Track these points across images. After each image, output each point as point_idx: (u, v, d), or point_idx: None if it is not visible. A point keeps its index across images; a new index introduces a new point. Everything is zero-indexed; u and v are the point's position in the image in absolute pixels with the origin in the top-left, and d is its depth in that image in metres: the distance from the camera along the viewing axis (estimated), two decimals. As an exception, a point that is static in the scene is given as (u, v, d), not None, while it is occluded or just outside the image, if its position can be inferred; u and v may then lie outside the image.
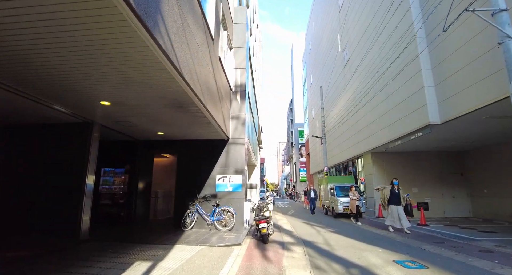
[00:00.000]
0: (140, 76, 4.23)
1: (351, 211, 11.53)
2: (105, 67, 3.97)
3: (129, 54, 3.58)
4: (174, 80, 4.31)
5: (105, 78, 4.35)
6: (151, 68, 3.96)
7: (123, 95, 5.15)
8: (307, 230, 9.28)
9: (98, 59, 3.72)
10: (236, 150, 8.94)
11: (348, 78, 17.26)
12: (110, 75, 4.24)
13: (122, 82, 4.51)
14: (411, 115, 9.93)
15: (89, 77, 4.31)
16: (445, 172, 14.55)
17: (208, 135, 8.56)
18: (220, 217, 8.26)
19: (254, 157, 15.59)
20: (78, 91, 4.97)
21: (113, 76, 4.30)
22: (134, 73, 4.14)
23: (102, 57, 3.66)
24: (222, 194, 8.66)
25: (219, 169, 8.84)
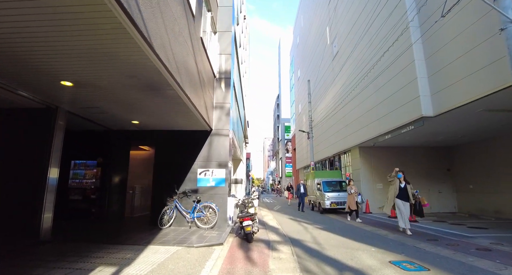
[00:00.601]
0: (101, 46, 3.52)
1: (349, 207, 10.49)
2: (59, 34, 3.24)
3: (86, 17, 2.88)
4: (142, 53, 3.62)
5: (62, 49, 3.61)
6: (113, 35, 3.26)
7: (86, 73, 4.39)
8: (294, 227, 8.80)
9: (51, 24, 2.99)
10: (219, 141, 8.29)
11: (337, 71, 16.86)
12: (67, 45, 3.50)
13: (83, 55, 3.77)
14: (402, 108, 9.57)
15: (44, 48, 3.56)
16: (432, 167, 14.45)
17: (189, 126, 7.86)
18: (201, 213, 7.62)
19: (239, 151, 14.98)
20: (36, 68, 4.18)
21: (70, 47, 3.56)
22: (95, 42, 3.42)
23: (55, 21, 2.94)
24: (204, 189, 8.01)
25: (201, 162, 8.17)
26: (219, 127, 8.38)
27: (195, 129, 8.23)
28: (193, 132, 8.29)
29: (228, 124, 8.40)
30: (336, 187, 14.10)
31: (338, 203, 13.05)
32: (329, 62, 18.77)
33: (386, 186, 13.90)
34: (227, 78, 8.82)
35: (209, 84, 7.98)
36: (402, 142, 12.98)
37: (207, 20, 7.94)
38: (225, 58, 9.00)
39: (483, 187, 12.35)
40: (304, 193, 15.19)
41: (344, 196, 13.19)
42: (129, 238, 6.22)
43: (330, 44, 18.84)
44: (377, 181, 14.11)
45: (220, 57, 9.01)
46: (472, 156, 13.13)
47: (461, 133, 11.15)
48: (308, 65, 26.57)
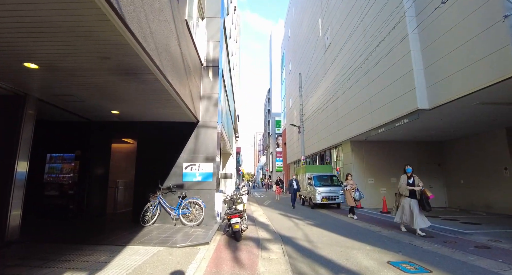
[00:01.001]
0: (63, 19, 2.99)
1: (348, 203, 9.89)
2: (15, 8, 2.71)
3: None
4: (114, 28, 3.11)
5: (19, 24, 3.08)
6: (77, 4, 2.74)
7: (51, 54, 3.84)
8: (284, 223, 8.46)
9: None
10: (207, 134, 7.81)
11: (329, 64, 16.50)
12: (24, 20, 2.98)
13: (44, 31, 3.23)
14: (397, 101, 9.29)
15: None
16: (423, 162, 14.36)
17: (174, 117, 7.35)
18: (186, 210, 7.17)
19: (229, 145, 14.53)
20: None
21: (28, 22, 3.03)
22: (53, 13, 2.90)
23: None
24: (189, 184, 7.55)
25: (187, 155, 7.69)
26: (207, 118, 7.90)
27: (181, 121, 7.72)
28: (178, 124, 7.78)
29: (216, 115, 7.92)
30: (327, 181, 13.86)
31: (329, 198, 12.81)
32: (321, 55, 18.39)
33: (377, 181, 13.79)
34: (215, 66, 8.30)
35: (196, 72, 7.46)
36: (394, 136, 12.79)
37: (193, 4, 7.38)
38: (213, 46, 8.47)
39: (473, 182, 12.31)
40: (296, 189, 14.17)
41: (335, 190, 12.97)
42: (107, 238, 5.73)
43: (322, 36, 18.44)
44: (368, 175, 13.94)
45: (207, 44, 8.48)
46: (462, 151, 13.07)
47: (454, 128, 11.00)
48: (299, 58, 26.15)
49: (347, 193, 9.79)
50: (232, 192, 6.72)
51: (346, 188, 9.81)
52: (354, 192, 9.59)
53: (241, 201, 6.53)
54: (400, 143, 14.20)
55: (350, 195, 9.66)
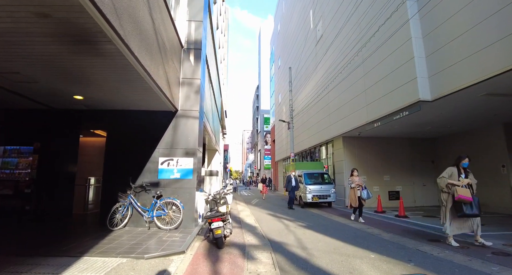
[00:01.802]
0: None
1: (351, 205, 8.40)
2: None
3: None
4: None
5: None
6: None
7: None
8: (274, 225, 7.65)
9: None
10: (187, 125, 6.88)
11: (320, 57, 15.78)
12: None
13: None
14: (396, 92, 8.61)
15: None
16: (417, 159, 13.88)
17: (148, 105, 6.39)
18: (162, 212, 6.23)
19: (215, 140, 13.60)
20: None
21: None
22: None
23: None
24: (166, 182, 6.61)
25: (163, 149, 6.74)
26: (187, 107, 6.96)
27: (157, 110, 6.77)
28: (153, 113, 6.82)
29: (197, 104, 7.00)
30: (318, 179, 13.17)
31: (320, 196, 12.10)
32: (312, 48, 17.66)
33: (370, 179, 13.19)
34: (197, 49, 7.36)
35: (174, 54, 6.50)
36: (388, 133, 12.20)
37: (172, -25, 6.42)
38: (195, 26, 7.52)
39: (469, 179, 11.84)
40: (295, 187, 12.27)
41: (327, 189, 12.29)
42: (63, 246, 4.74)
43: (313, 28, 17.69)
44: (361, 173, 13.20)
45: (189, 24, 7.52)
46: (456, 147, 12.60)
47: (451, 123, 10.46)
48: (289, 52, 25.38)
49: (351, 192, 8.38)
50: (215, 191, 5.83)
51: (350, 186, 8.47)
52: (360, 190, 8.22)
53: (225, 201, 5.67)
54: (393, 139, 13.66)
55: (354, 194, 8.25)
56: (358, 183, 8.33)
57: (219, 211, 4.96)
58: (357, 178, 8.50)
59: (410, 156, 13.81)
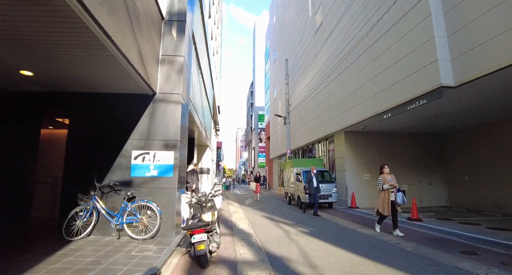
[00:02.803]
0: None
1: (379, 212, 6.28)
2: None
3: None
4: None
5: None
6: None
7: None
8: (271, 231, 6.50)
9: None
10: (166, 111, 5.67)
11: (320, 46, 14.66)
12: None
13: None
14: (412, 78, 7.51)
15: None
16: (422, 156, 12.89)
17: (118, 86, 5.17)
18: (133, 217, 5.03)
19: (205, 134, 12.39)
20: None
21: None
22: None
23: None
24: (140, 180, 5.40)
25: (137, 141, 5.52)
26: (167, 90, 5.75)
27: (129, 93, 5.55)
28: (126, 97, 5.59)
29: (180, 86, 5.79)
30: (318, 177, 12.03)
31: (321, 196, 10.99)
32: (311, 37, 16.51)
33: (374, 176, 12.13)
34: (181, 21, 6.13)
35: (152, 25, 5.27)
36: (394, 127, 11.17)
37: None
38: (178, -6, 6.29)
39: (480, 178, 10.90)
40: (317, 188, 9.78)
41: (328, 188, 11.20)
42: (-12, 267, 3.51)
43: (312, 16, 16.54)
44: (364, 170, 12.27)
45: (171, -8, 6.29)
46: (467, 144, 11.65)
47: (468, 115, 9.43)
48: (285, 44, 24.21)
49: (382, 195, 6.25)
50: (200, 193, 4.64)
51: (381, 187, 6.27)
52: (394, 192, 6.17)
53: (212, 205, 4.50)
54: (398, 134, 12.64)
55: (387, 199, 6.11)
56: (392, 184, 6.25)
57: (203, 219, 3.78)
58: (389, 176, 6.41)
59: (415, 153, 12.81)
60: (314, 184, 9.64)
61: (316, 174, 9.89)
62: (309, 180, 9.79)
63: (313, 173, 9.94)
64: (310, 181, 9.72)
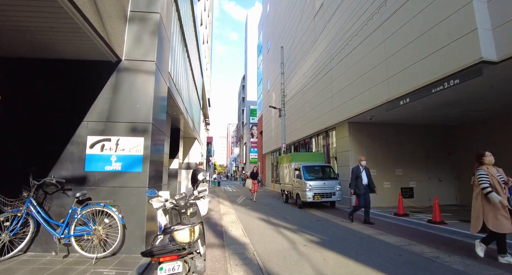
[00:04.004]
0: None
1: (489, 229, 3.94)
2: None
3: None
4: None
5: None
6: None
7: None
8: (272, 241, 5.18)
9: None
10: (135, 84, 4.24)
11: (320, 29, 13.33)
12: None
13: None
14: (441, 54, 6.23)
15: None
16: (431, 150, 11.79)
17: (66, 47, 3.73)
18: (85, 228, 3.62)
19: (192, 124, 10.95)
20: None
21: None
22: None
23: None
24: (98, 176, 3.98)
25: (94, 123, 4.09)
26: (137, 56, 4.32)
27: (84, 59, 4.10)
28: (79, 64, 4.15)
29: (154, 51, 4.37)
30: (318, 173, 10.83)
31: (323, 194, 9.77)
32: (310, 21, 15.17)
33: (380, 173, 11.02)
34: (156, -33, 4.68)
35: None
36: (404, 117, 10.00)
37: None
38: None
39: (498, 174, 9.84)
40: (369, 187, 7.37)
41: (331, 185, 9.97)
42: None
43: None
44: (370, 166, 10.84)
45: None
46: (479, 137, 10.59)
47: (488, 104, 8.30)
48: (281, 31, 22.80)
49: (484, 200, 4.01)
50: (179, 194, 3.24)
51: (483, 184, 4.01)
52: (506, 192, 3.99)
53: (194, 211, 3.18)
54: (406, 126, 11.50)
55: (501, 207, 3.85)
56: (504, 180, 4.08)
57: (177, 240, 2.38)
58: (495, 169, 4.22)
59: (424, 147, 11.70)
60: (363, 181, 7.33)
61: (366, 167, 7.56)
62: (356, 175, 7.41)
63: (361, 166, 7.50)
64: (358, 177, 7.37)
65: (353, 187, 7.42)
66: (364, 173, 7.45)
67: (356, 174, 7.43)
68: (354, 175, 7.47)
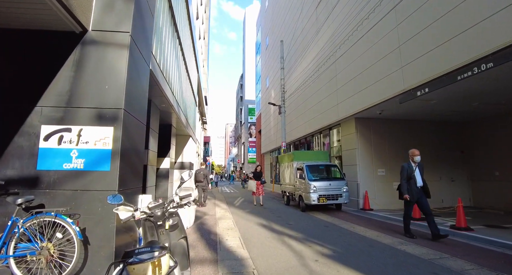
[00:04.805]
0: None
1: None
2: None
3: None
4: None
5: None
6: None
7: None
8: (276, 254, 4.32)
9: None
10: (104, 60, 3.36)
11: (323, 20, 12.50)
12: None
13: None
14: (472, 33, 5.37)
15: None
16: (442, 148, 10.98)
17: (17, 14, 2.85)
18: (30, 245, 2.74)
19: (186, 120, 10.06)
20: None
21: None
22: None
23: None
24: (55, 176, 3.09)
25: (51, 108, 3.21)
26: (107, 26, 3.44)
27: (39, 28, 3.23)
28: (33, 35, 3.28)
29: (130, 20, 3.49)
30: (323, 173, 9.99)
31: (329, 196, 8.92)
32: (311, 12, 14.34)
33: (389, 172, 10.23)
34: None
35: None
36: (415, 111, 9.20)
37: None
38: None
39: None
40: (424, 190, 5.66)
41: (337, 186, 9.13)
42: None
43: (313, -12, 14.35)
44: (378, 165, 10.24)
45: None
46: (497, 133, 9.79)
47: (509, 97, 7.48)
48: (280, 26, 21.97)
49: None
50: (153, 201, 2.37)
51: None
52: None
53: (174, 224, 2.37)
54: (416, 122, 10.69)
55: None
56: None
57: None
58: None
59: (435, 144, 10.88)
60: (417, 182, 5.55)
61: (419, 164, 5.77)
62: (408, 175, 5.61)
63: (414, 162, 5.71)
64: (411, 178, 5.60)
65: (405, 190, 5.54)
66: (418, 172, 5.66)
67: (408, 174, 5.61)
68: (405, 174, 5.65)
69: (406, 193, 5.51)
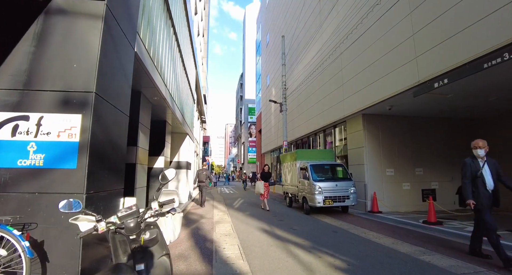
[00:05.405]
0: None
1: None
2: None
3: None
4: None
5: None
6: None
7: None
8: (280, 268, 3.69)
9: None
10: (73, 32, 2.74)
11: (327, 12, 11.88)
12: None
13: None
14: (506, 10, 4.77)
15: None
16: (455, 147, 10.34)
17: None
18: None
19: (181, 116, 9.44)
20: None
21: None
22: None
23: None
24: (6, 176, 2.47)
25: (4, 91, 2.59)
26: (75, -9, 2.82)
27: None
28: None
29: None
30: (328, 173, 9.37)
31: (335, 198, 8.29)
32: (314, 5, 13.74)
33: (398, 172, 9.66)
34: None
35: None
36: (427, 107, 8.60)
37: None
38: None
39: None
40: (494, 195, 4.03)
41: (344, 187, 8.52)
42: None
43: (316, -20, 13.74)
44: (386, 164, 9.62)
45: None
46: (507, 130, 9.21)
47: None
48: (281, 22, 21.37)
49: None
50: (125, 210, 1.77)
51: None
52: None
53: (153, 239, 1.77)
54: (426, 120, 10.10)
55: None
56: None
57: None
58: None
59: (446, 142, 10.27)
60: (486, 184, 4.02)
61: (489, 159, 4.18)
62: (473, 174, 4.13)
63: (480, 158, 4.18)
64: (476, 177, 4.09)
65: (469, 194, 4.04)
66: (488, 170, 4.07)
67: (473, 173, 4.12)
68: (468, 173, 4.16)
69: (470, 197, 4.00)
